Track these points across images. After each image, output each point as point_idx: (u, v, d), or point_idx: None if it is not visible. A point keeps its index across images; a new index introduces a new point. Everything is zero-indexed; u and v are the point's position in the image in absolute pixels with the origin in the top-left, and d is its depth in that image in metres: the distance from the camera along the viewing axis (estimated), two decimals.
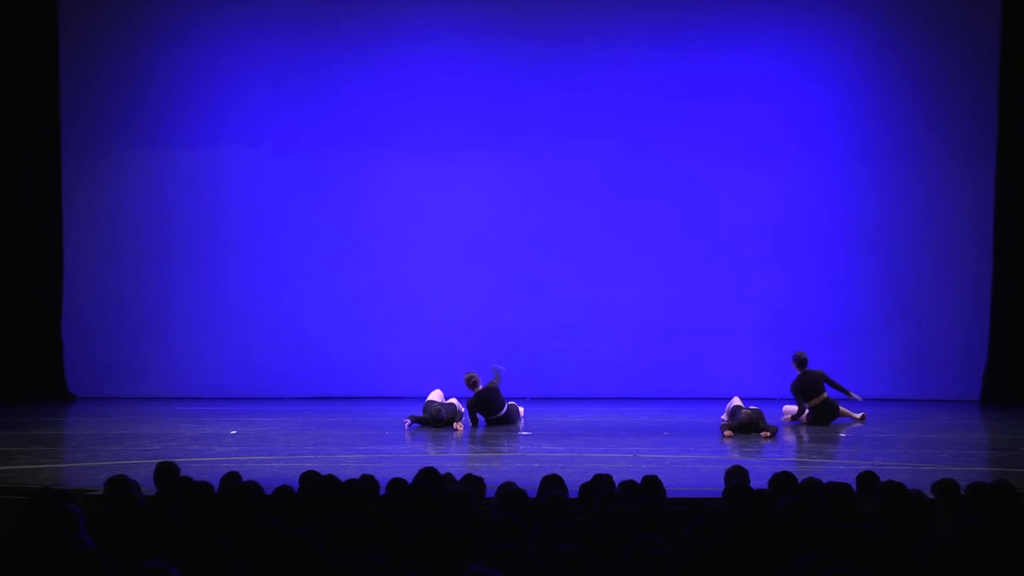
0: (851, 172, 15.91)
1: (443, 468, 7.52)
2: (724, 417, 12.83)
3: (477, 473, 7.27)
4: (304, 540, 4.96)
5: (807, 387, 13.32)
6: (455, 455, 11.72)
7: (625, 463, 10.74)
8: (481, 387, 13.27)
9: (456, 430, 12.95)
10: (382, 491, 6.87)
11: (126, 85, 15.93)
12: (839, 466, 10.64)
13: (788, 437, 12.64)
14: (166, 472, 7.31)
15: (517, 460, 11.17)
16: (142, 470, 8.26)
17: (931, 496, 6.57)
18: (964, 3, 15.64)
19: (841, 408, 13.48)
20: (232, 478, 7.06)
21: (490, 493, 7.04)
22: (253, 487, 6.34)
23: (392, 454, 11.18)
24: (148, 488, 7.21)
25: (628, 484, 7.03)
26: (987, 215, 15.61)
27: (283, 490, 6.44)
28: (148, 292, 16.04)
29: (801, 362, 13.45)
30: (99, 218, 16.03)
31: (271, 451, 11.25)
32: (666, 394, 15.54)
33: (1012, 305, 15.51)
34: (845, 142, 15.89)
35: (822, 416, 13.29)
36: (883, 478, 6.74)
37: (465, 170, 16.06)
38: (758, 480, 7.30)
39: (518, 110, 16.01)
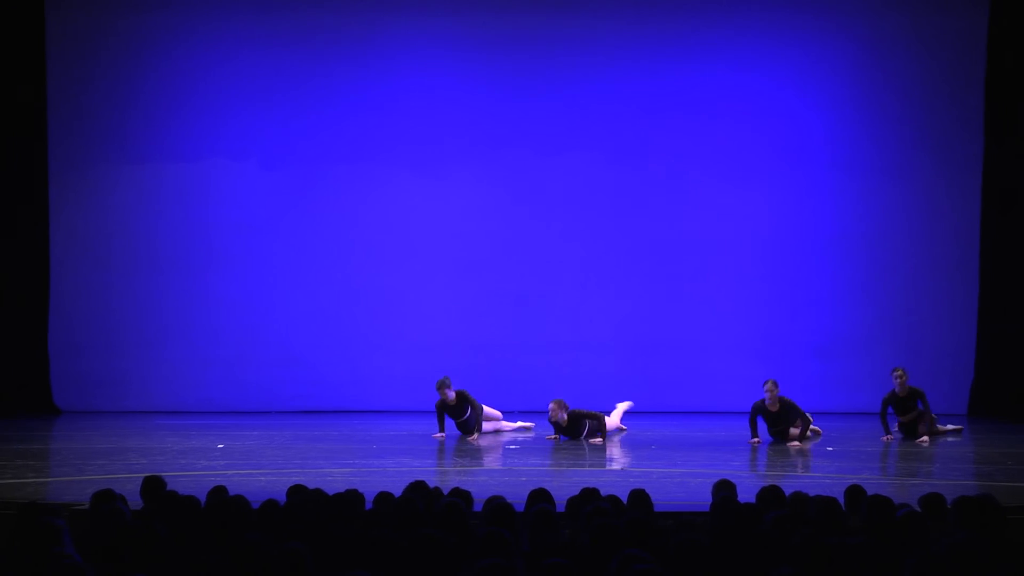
0: (838, 186, 15.96)
1: (430, 482, 7.51)
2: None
3: (464, 487, 7.26)
4: (291, 554, 4.95)
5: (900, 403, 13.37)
6: (442, 469, 11.71)
7: (612, 477, 10.75)
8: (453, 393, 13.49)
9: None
10: (368, 505, 6.86)
11: (113, 99, 15.92)
12: (827, 480, 10.64)
13: (784, 448, 12.64)
14: (152, 486, 7.28)
15: (504, 474, 11.16)
16: (128, 484, 8.24)
17: (918, 510, 6.57)
18: (951, 19, 15.72)
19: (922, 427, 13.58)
20: (219, 492, 7.04)
21: (477, 507, 7.03)
22: (240, 501, 6.33)
23: (380, 468, 11.16)
24: (134, 502, 7.19)
25: (615, 498, 7.03)
26: (973, 230, 15.68)
27: (270, 504, 6.43)
28: (134, 305, 16.01)
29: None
30: (85, 231, 16.00)
31: (258, 465, 11.23)
32: (653, 408, 15.51)
33: (998, 319, 15.57)
34: (832, 156, 15.94)
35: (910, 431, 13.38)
36: (870, 492, 6.74)
37: (452, 184, 16.07)
38: (745, 494, 7.30)
39: (506, 124, 16.03)
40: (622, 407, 14.21)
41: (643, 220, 16.02)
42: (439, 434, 13.40)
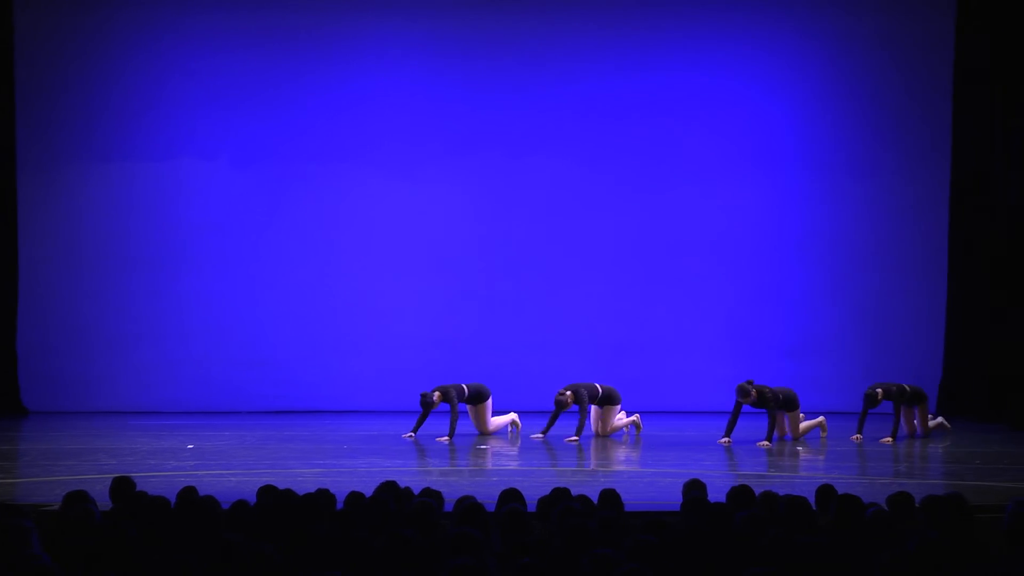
0: (807, 188, 16.04)
1: (401, 482, 7.50)
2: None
3: (435, 487, 7.25)
4: (262, 555, 4.94)
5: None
6: (413, 469, 11.69)
7: (583, 477, 10.76)
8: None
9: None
10: (339, 505, 6.85)
11: (82, 97, 15.83)
12: (797, 479, 10.69)
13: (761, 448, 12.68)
14: (122, 487, 7.24)
15: (475, 474, 11.17)
16: (97, 485, 8.20)
17: (886, 509, 6.61)
18: (919, 21, 15.81)
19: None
20: (188, 493, 7.01)
21: (448, 507, 7.03)
22: (210, 501, 6.31)
23: (350, 468, 11.14)
24: (104, 503, 7.15)
25: (586, 498, 7.05)
26: (941, 231, 15.77)
27: (240, 505, 6.41)
28: (104, 305, 15.92)
29: None
30: (54, 231, 15.91)
31: (228, 465, 11.19)
32: (625, 408, 15.54)
33: (965, 319, 15.66)
34: (801, 157, 16.02)
35: None
36: (841, 491, 6.77)
37: (424, 184, 16.06)
38: (716, 494, 7.33)
39: (478, 125, 16.03)
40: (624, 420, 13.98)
41: (614, 221, 16.05)
42: (410, 434, 13.34)
